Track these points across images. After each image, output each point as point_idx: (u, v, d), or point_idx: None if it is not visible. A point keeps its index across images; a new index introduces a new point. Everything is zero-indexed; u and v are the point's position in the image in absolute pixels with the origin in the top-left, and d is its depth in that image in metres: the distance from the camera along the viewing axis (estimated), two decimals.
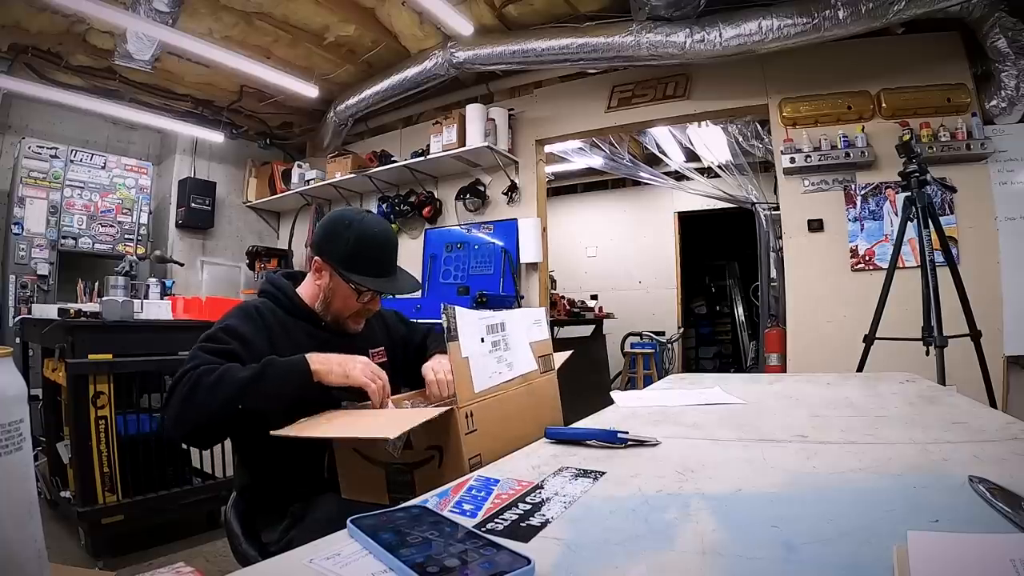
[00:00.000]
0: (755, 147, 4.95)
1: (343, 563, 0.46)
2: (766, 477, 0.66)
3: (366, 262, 1.27)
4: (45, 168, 4.32)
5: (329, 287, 1.29)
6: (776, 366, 3.90)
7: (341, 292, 1.29)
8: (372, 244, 1.29)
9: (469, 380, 0.90)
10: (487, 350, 0.96)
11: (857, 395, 1.22)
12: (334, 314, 1.31)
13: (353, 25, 4.02)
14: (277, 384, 1.04)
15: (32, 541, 0.50)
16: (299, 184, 5.26)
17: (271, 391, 1.03)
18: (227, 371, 1.04)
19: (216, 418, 1.01)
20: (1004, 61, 3.02)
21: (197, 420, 1.02)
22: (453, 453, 0.85)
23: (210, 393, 1.00)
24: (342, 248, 1.27)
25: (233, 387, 1.01)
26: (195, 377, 1.02)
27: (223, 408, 1.00)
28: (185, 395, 1.01)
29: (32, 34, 3.94)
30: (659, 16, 3.31)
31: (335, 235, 1.28)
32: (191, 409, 1.01)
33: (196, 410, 1.01)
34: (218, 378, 1.02)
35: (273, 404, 1.03)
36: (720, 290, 8.31)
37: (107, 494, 2.26)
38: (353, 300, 1.29)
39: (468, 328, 0.93)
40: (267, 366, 1.05)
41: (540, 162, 4.52)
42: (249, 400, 1.01)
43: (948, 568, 0.40)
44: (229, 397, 1.00)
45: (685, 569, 0.44)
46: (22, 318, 3.13)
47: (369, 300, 1.31)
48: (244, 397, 1.01)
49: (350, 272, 1.25)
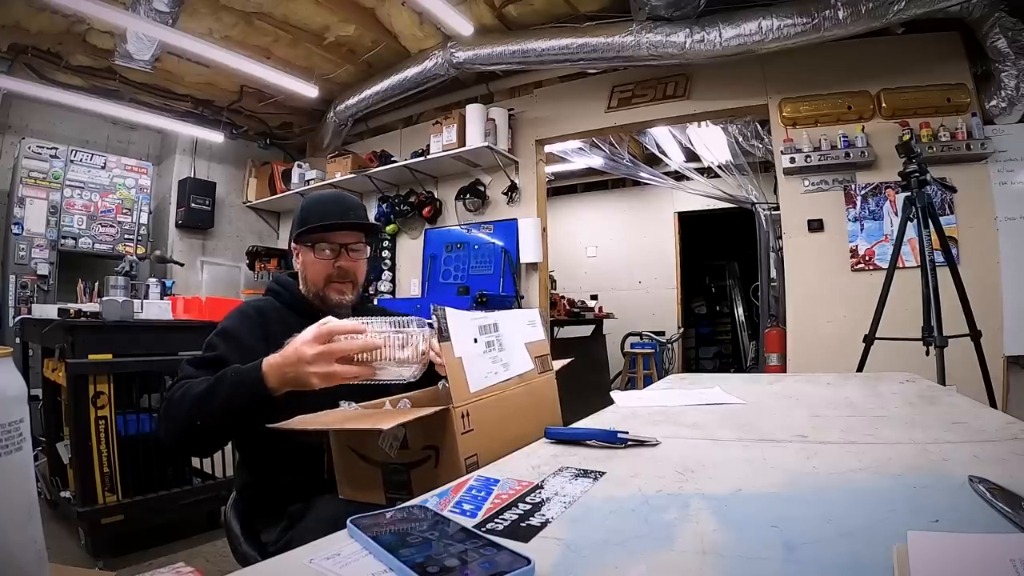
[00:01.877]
0: (755, 147, 4.95)
1: (343, 563, 0.46)
2: (766, 477, 0.66)
3: (315, 217, 1.29)
4: (45, 168, 4.32)
5: (302, 263, 1.31)
6: (776, 366, 3.91)
7: (307, 259, 1.30)
8: (318, 201, 1.35)
9: (464, 380, 0.90)
10: (481, 350, 0.96)
11: (857, 395, 1.22)
12: (313, 289, 1.30)
13: (353, 25, 4.02)
14: (226, 399, 0.95)
15: (32, 541, 0.50)
16: (299, 184, 5.26)
17: (220, 407, 0.95)
18: (189, 387, 1.01)
19: (188, 434, 0.99)
20: (1004, 61, 3.02)
21: (173, 437, 1.02)
22: (449, 453, 0.84)
23: (176, 410, 0.99)
24: (296, 219, 1.33)
25: (190, 403, 0.98)
26: (169, 395, 1.03)
27: (186, 424, 0.98)
28: (162, 412, 1.03)
29: (32, 34, 3.94)
30: (659, 16, 3.31)
31: (294, 216, 1.36)
32: (166, 426, 1.02)
33: (168, 426, 1.01)
34: (182, 394, 1.00)
35: (227, 420, 0.97)
36: (720, 290, 8.31)
37: (107, 494, 2.26)
38: (318, 261, 1.29)
39: (460, 328, 0.92)
40: (218, 379, 0.98)
41: (540, 162, 4.52)
42: (203, 417, 0.97)
43: (948, 568, 0.40)
44: (189, 415, 0.97)
45: (685, 569, 0.44)
46: (22, 318, 3.13)
47: (336, 257, 1.29)
48: (198, 414, 0.97)
49: (302, 232, 1.28)
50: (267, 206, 5.79)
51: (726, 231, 7.34)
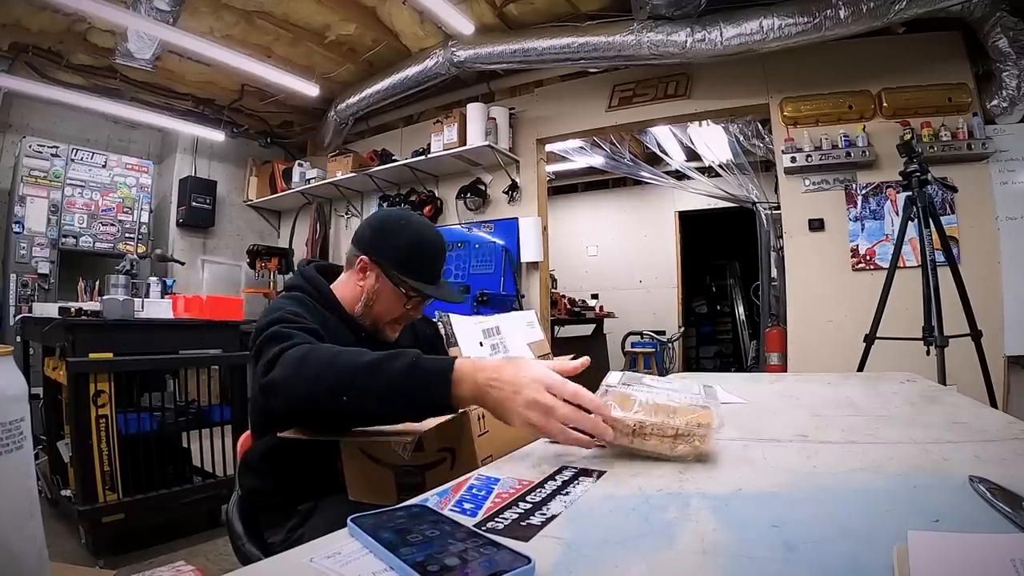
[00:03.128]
0: (756, 146, 4.95)
1: (343, 562, 0.46)
2: (766, 477, 0.66)
3: (419, 265, 1.20)
4: (46, 167, 4.32)
5: (375, 289, 1.20)
6: (777, 365, 3.90)
7: (387, 295, 1.20)
8: (428, 248, 1.23)
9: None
10: (487, 353, 0.96)
11: (858, 395, 1.22)
12: (374, 318, 1.22)
13: (354, 24, 4.02)
14: (396, 379, 0.77)
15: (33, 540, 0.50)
16: (300, 183, 5.26)
17: (384, 385, 0.78)
18: (344, 351, 0.84)
19: (319, 402, 0.82)
20: (1005, 61, 3.01)
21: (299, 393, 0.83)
22: (466, 455, 0.85)
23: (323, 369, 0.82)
24: (397, 249, 1.19)
25: (345, 368, 0.81)
26: (304, 350, 0.86)
27: (327, 389, 0.81)
28: (296, 362, 0.84)
29: (33, 33, 3.94)
30: (660, 15, 3.31)
31: (389, 235, 1.21)
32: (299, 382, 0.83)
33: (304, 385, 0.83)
34: (335, 354, 0.83)
35: (377, 402, 0.79)
36: (721, 289, 8.31)
37: (108, 493, 2.27)
38: (399, 304, 1.21)
39: (466, 334, 0.92)
40: (394, 355, 0.80)
41: (541, 161, 4.52)
42: (357, 387, 0.79)
43: (948, 568, 0.40)
44: (339, 378, 0.80)
45: (685, 568, 0.44)
46: (23, 317, 3.13)
47: (413, 307, 1.23)
48: (355, 383, 0.79)
49: (404, 275, 1.18)
50: (268, 205, 5.80)
51: (727, 230, 7.33)
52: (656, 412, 0.72)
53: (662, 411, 0.72)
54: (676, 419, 0.71)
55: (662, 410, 0.73)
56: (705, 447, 0.72)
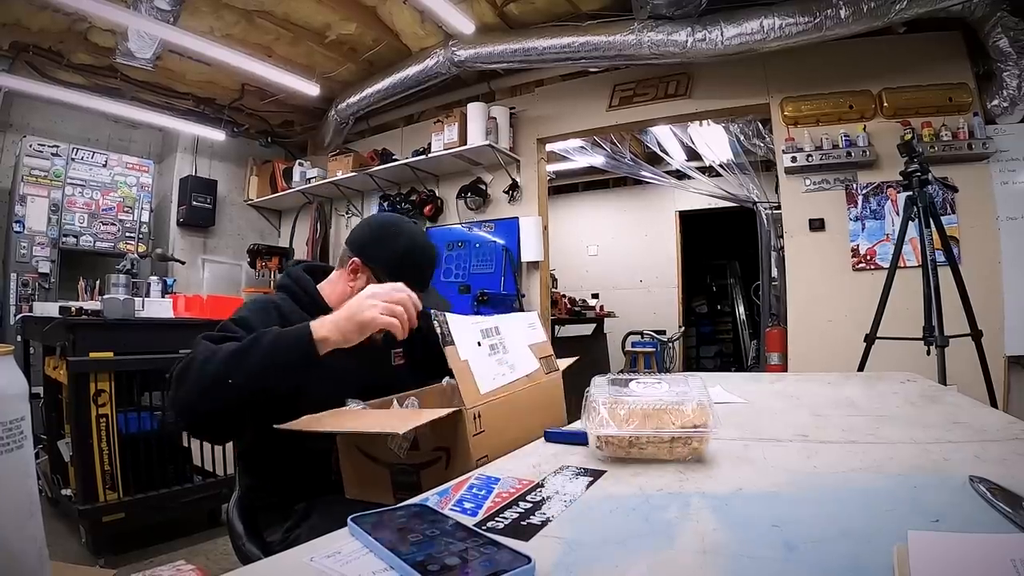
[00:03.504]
0: (756, 146, 4.95)
1: (343, 561, 0.46)
2: (767, 477, 0.66)
3: (411, 272, 1.22)
4: (46, 166, 4.32)
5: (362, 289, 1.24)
6: (777, 365, 3.90)
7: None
8: (420, 255, 1.27)
9: (473, 382, 0.89)
10: (486, 353, 0.96)
11: (858, 394, 1.22)
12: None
13: (354, 23, 4.02)
14: (267, 353, 0.92)
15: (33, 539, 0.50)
16: (300, 182, 5.26)
17: (258, 362, 0.92)
18: (220, 347, 0.95)
19: (212, 395, 0.91)
20: (1006, 61, 3.01)
21: (192, 399, 0.93)
22: (461, 454, 0.84)
23: (202, 369, 0.92)
24: (390, 254, 1.23)
25: (223, 359, 0.92)
26: (188, 360, 0.95)
27: (216, 383, 0.91)
28: (178, 376, 0.94)
29: (33, 32, 3.94)
30: (660, 15, 3.31)
31: (383, 240, 1.24)
32: (185, 388, 0.93)
33: (190, 388, 0.92)
34: (211, 354, 0.94)
35: (265, 379, 0.92)
36: (721, 289, 8.31)
37: (108, 492, 2.27)
38: None
39: (463, 332, 0.92)
40: (262, 335, 0.96)
41: (541, 161, 4.51)
42: (237, 372, 0.91)
43: (948, 568, 0.40)
44: (218, 372, 0.91)
45: (685, 568, 0.44)
46: (23, 316, 3.14)
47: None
48: (233, 369, 0.91)
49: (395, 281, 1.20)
50: (268, 204, 5.79)
51: (727, 230, 7.33)
52: (648, 418, 0.72)
53: (654, 416, 0.72)
54: (669, 421, 0.71)
55: (654, 415, 0.72)
56: (703, 447, 0.72)
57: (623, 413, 0.72)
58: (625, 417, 0.72)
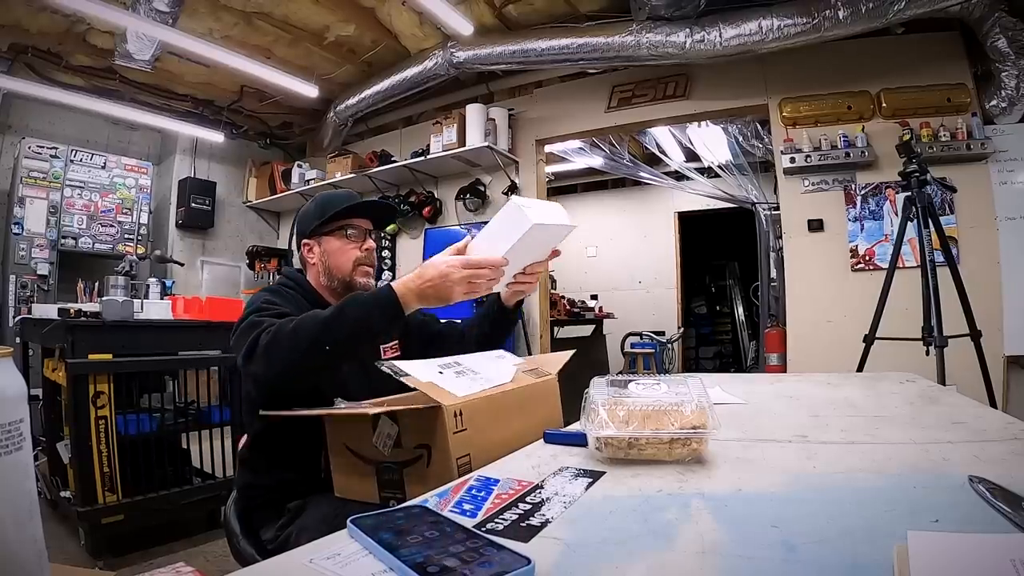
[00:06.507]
0: (755, 147, 4.95)
1: (343, 563, 0.46)
2: (766, 477, 0.66)
3: (336, 207, 1.32)
4: (45, 168, 4.32)
5: (323, 252, 1.32)
6: (776, 366, 3.90)
7: (332, 247, 1.32)
8: (335, 196, 1.39)
9: (446, 392, 0.88)
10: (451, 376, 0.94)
11: (857, 395, 1.22)
12: (339, 275, 1.31)
13: (353, 25, 4.02)
14: (359, 318, 1.00)
15: (32, 541, 0.50)
16: (299, 184, 5.26)
17: (350, 327, 0.99)
18: (304, 318, 1.02)
19: (305, 362, 0.99)
20: (1004, 61, 3.01)
21: (286, 363, 1.00)
22: (441, 452, 0.83)
23: (294, 339, 0.99)
24: (311, 213, 1.34)
25: (313, 329, 0.99)
26: (273, 331, 1.01)
27: (311, 351, 0.98)
28: (267, 348, 1.00)
29: (32, 34, 3.94)
30: (659, 16, 3.31)
31: (303, 213, 1.38)
32: (275, 356, 0.99)
33: (285, 356, 0.99)
34: (297, 325, 1.00)
35: (358, 341, 1.01)
36: (720, 290, 8.31)
37: (107, 494, 2.26)
38: (346, 246, 1.32)
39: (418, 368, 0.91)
40: (347, 302, 1.03)
41: (540, 162, 4.52)
42: (331, 339, 0.98)
43: (948, 568, 0.40)
44: (315, 339, 0.98)
45: (685, 569, 0.44)
46: (22, 318, 3.13)
47: (363, 241, 1.34)
48: (326, 336, 0.98)
49: (328, 221, 1.31)
50: (267, 206, 5.79)
51: (726, 231, 7.34)
52: (647, 419, 0.72)
53: (653, 417, 0.72)
54: (669, 422, 0.71)
55: (653, 417, 0.72)
56: (702, 448, 0.72)
57: (622, 414, 0.72)
58: (624, 418, 0.72)
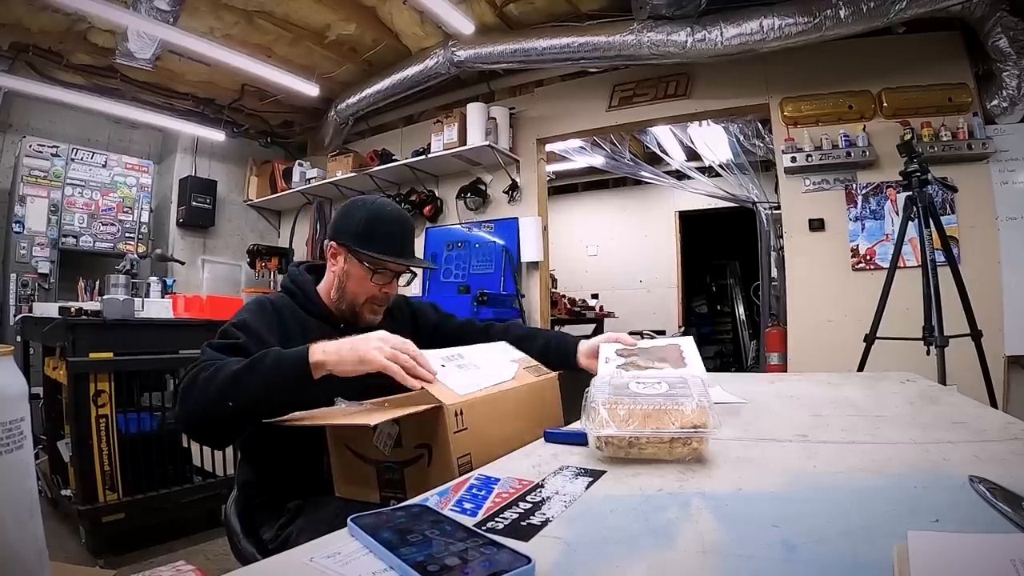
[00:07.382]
0: (756, 146, 4.95)
1: (344, 561, 0.46)
2: (766, 477, 0.66)
3: (381, 239, 1.23)
4: (46, 167, 4.32)
5: (344, 270, 1.25)
6: (777, 365, 3.90)
7: (355, 273, 1.24)
8: (387, 220, 1.26)
9: (447, 388, 0.89)
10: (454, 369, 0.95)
11: (858, 395, 1.22)
12: (349, 300, 1.26)
13: (354, 24, 4.02)
14: (266, 375, 0.94)
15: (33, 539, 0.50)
16: (300, 183, 5.26)
17: (258, 384, 0.93)
18: (224, 365, 0.97)
19: (213, 414, 0.95)
20: (1005, 61, 3.01)
21: (195, 417, 0.97)
22: (441, 452, 0.84)
23: (204, 389, 0.95)
24: (355, 225, 1.24)
25: (222, 382, 0.94)
26: (193, 373, 0.98)
27: (217, 404, 0.94)
28: (183, 391, 0.97)
29: (33, 33, 3.94)
30: (660, 15, 3.31)
31: (349, 215, 1.27)
32: (189, 406, 0.96)
33: (192, 406, 0.96)
34: (214, 372, 0.96)
35: (262, 402, 0.94)
36: (721, 289, 8.30)
37: (108, 492, 2.26)
38: (368, 282, 1.24)
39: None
40: (261, 357, 0.97)
41: (541, 161, 4.52)
42: (236, 396, 0.93)
43: (948, 568, 0.40)
44: (221, 392, 0.94)
45: (685, 568, 0.44)
46: (23, 316, 3.13)
47: (385, 284, 1.26)
48: (232, 393, 0.93)
49: (365, 249, 1.22)
50: (268, 204, 5.79)
51: (727, 230, 7.33)
52: (648, 418, 0.72)
53: (654, 417, 0.72)
54: (669, 421, 0.71)
55: (654, 416, 0.72)
56: (703, 447, 0.72)
57: (623, 413, 0.72)
58: (625, 417, 0.72)
